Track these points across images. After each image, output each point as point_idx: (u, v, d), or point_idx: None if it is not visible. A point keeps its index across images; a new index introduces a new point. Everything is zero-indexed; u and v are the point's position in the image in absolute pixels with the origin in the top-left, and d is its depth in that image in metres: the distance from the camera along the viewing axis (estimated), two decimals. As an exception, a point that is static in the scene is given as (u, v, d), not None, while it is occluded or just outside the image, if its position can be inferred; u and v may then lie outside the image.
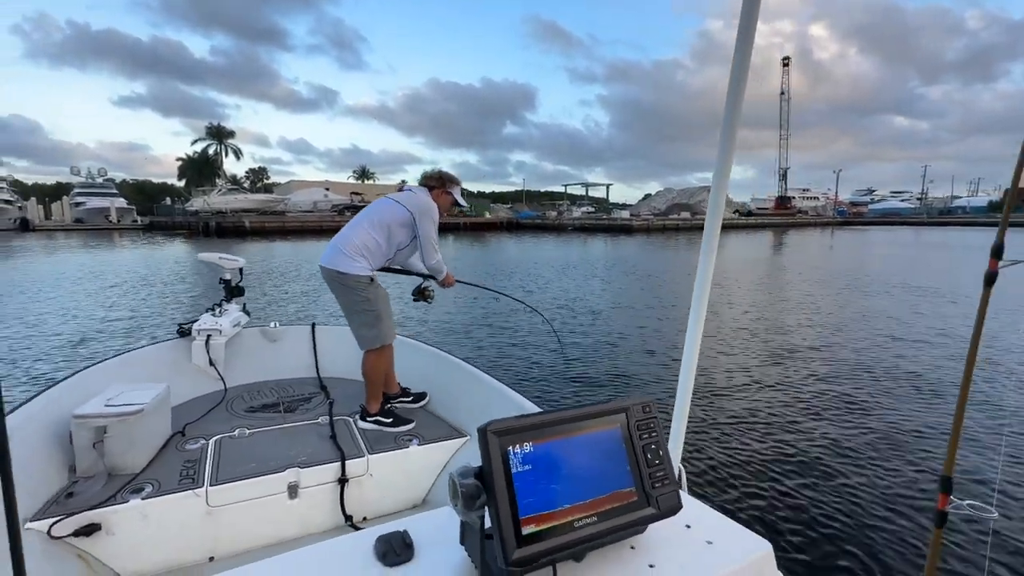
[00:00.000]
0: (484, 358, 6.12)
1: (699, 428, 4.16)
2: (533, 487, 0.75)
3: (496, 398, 2.34)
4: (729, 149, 1.11)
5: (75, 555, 1.70)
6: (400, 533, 0.88)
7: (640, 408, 0.88)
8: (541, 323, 7.98)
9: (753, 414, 4.44)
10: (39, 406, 2.05)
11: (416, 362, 2.98)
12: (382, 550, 0.85)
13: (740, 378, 5.40)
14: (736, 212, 71.09)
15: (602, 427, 0.84)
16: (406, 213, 2.56)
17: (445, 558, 0.84)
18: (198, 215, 42.73)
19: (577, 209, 64.68)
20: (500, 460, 0.74)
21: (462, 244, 29.90)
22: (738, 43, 1.06)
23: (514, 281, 13.19)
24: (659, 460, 0.86)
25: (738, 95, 1.08)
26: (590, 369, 5.74)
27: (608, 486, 0.81)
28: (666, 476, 0.85)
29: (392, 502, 2.24)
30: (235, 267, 3.34)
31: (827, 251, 25.20)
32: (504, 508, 0.72)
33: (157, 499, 1.85)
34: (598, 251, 24.63)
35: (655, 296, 11.04)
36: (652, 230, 46.94)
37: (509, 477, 0.74)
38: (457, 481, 0.75)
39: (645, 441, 0.86)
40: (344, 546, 0.87)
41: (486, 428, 0.75)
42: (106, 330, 7.58)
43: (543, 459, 0.77)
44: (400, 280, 3.04)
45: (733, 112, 1.09)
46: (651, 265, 17.98)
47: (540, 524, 0.74)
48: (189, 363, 2.95)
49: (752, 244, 30.51)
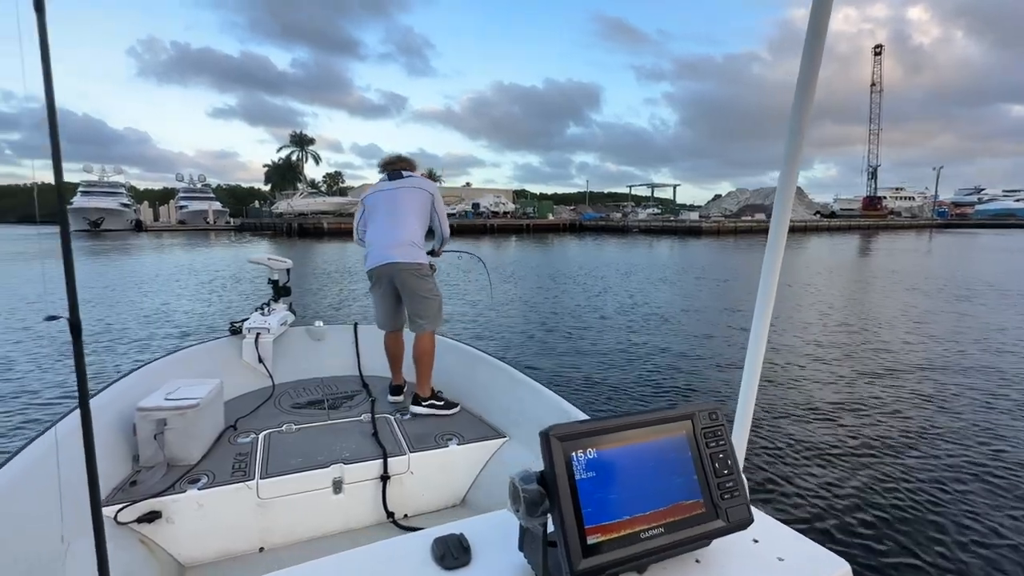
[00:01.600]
0: (525, 358, 6.14)
1: (762, 437, 3.93)
2: (597, 495, 0.73)
3: (535, 399, 2.32)
4: (798, 144, 1.05)
5: (138, 540, 1.79)
6: (457, 536, 0.87)
7: (707, 415, 0.85)
8: (585, 326, 7.87)
9: (823, 425, 4.10)
10: (107, 398, 2.17)
11: (454, 362, 3.00)
12: (440, 552, 0.84)
13: (809, 386, 5.02)
14: (817, 213, 66.25)
15: (667, 434, 0.81)
16: (428, 196, 2.81)
17: (504, 563, 0.83)
18: (282, 217, 45.96)
19: (642, 210, 63.02)
20: (564, 466, 0.72)
21: (525, 246, 30.03)
22: (809, 29, 1.00)
23: (576, 283, 13.08)
24: (728, 470, 0.82)
25: (809, 85, 1.02)
26: (640, 374, 5.57)
27: (674, 496, 0.78)
28: (735, 487, 0.82)
29: (432, 500, 2.26)
30: (283, 268, 3.47)
31: (923, 256, 22.89)
32: (569, 516, 0.70)
33: (212, 490, 1.93)
34: (664, 254, 23.87)
35: (723, 301, 10.51)
36: (723, 232, 44.79)
37: (573, 484, 0.72)
38: (519, 486, 0.73)
39: (713, 449, 0.83)
40: (401, 546, 0.87)
41: (548, 432, 0.73)
42: (189, 323, 8.34)
43: (607, 466, 0.75)
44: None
45: (803, 103, 1.02)
46: (721, 268, 17.15)
47: (606, 534, 0.72)
48: (240, 360, 3.08)
49: (835, 247, 28.33)
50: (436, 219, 2.86)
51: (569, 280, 13.80)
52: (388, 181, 2.87)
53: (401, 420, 2.58)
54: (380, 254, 2.72)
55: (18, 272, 15.70)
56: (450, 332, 7.49)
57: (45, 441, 1.78)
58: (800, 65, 1.02)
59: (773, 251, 1.10)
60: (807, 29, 1.00)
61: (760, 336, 1.13)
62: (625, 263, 18.75)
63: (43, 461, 1.68)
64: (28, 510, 1.52)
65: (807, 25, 1.00)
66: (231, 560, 1.92)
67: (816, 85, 1.02)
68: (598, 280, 13.73)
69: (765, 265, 1.11)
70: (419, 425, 2.54)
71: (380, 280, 2.77)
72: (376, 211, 2.82)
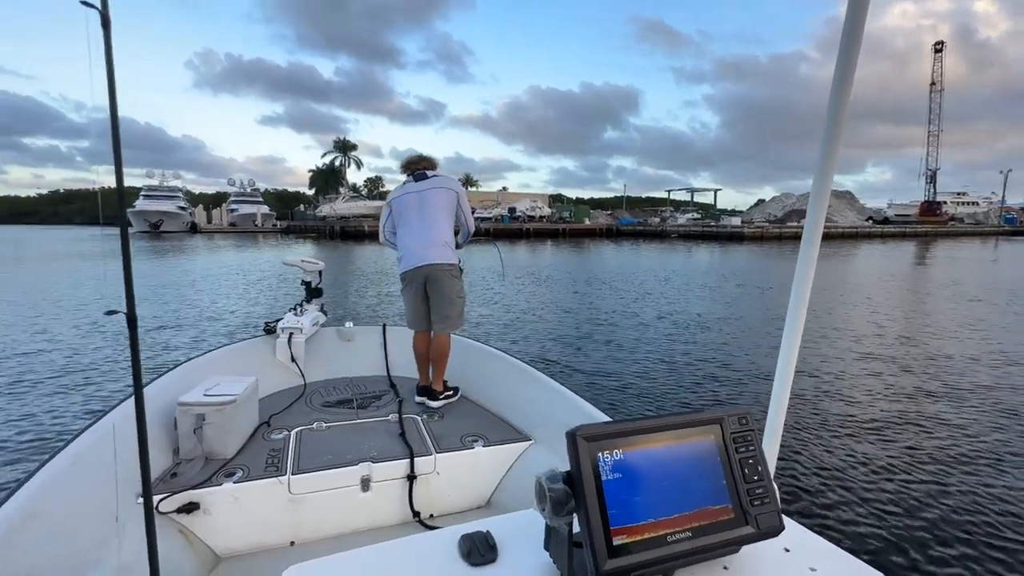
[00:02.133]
0: (557, 362, 6.09)
1: (793, 445, 3.76)
2: (623, 496, 0.73)
3: (561, 403, 2.30)
4: (834, 144, 1.01)
5: (177, 530, 1.84)
6: (483, 533, 0.88)
7: (737, 419, 0.83)
8: (620, 331, 7.74)
9: (857, 437, 3.90)
10: (151, 393, 2.20)
11: (480, 364, 3.00)
12: (466, 549, 0.84)
13: (857, 397, 4.76)
14: (869, 219, 63.13)
15: (695, 438, 0.80)
16: (454, 195, 2.88)
17: (530, 562, 0.83)
18: (325, 220, 47.53)
19: (682, 215, 61.69)
20: (590, 466, 0.72)
21: (560, 250, 29.90)
22: (846, 25, 0.95)
23: (612, 289, 12.91)
24: (758, 476, 0.81)
25: (845, 84, 0.97)
26: (675, 383, 5.41)
27: (702, 500, 0.77)
28: (766, 494, 0.80)
29: (458, 501, 2.27)
30: (315, 270, 3.55)
31: (988, 265, 21.42)
32: (595, 516, 0.70)
33: (247, 484, 1.98)
34: (703, 260, 23.27)
35: (766, 309, 10.13)
36: (767, 238, 43.29)
37: (599, 484, 0.72)
38: (545, 485, 0.73)
39: (742, 455, 0.81)
40: (428, 542, 0.88)
41: (575, 433, 0.73)
42: (233, 321, 8.69)
43: (634, 468, 0.75)
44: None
45: (839, 102, 0.98)
46: (764, 276, 16.56)
47: (631, 536, 0.72)
48: (274, 358, 3.16)
49: (888, 255, 26.90)
50: (462, 216, 2.94)
51: (605, 285, 13.64)
52: (414, 182, 2.90)
53: (428, 421, 2.60)
54: (417, 255, 2.77)
55: (84, 269, 16.81)
56: (482, 334, 7.53)
57: (101, 427, 1.88)
58: (836, 63, 0.97)
59: (806, 254, 1.07)
60: (843, 25, 0.96)
61: (792, 342, 1.10)
62: (663, 269, 18.37)
63: (98, 446, 1.77)
64: (81, 492, 1.60)
65: (843, 21, 0.96)
66: (263, 553, 1.96)
67: (852, 84, 0.98)
68: (635, 286, 13.51)
69: (798, 269, 1.08)
70: (445, 426, 2.56)
71: (414, 281, 2.82)
72: (407, 213, 2.85)
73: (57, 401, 4.75)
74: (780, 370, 1.12)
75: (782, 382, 1.12)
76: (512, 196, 66.66)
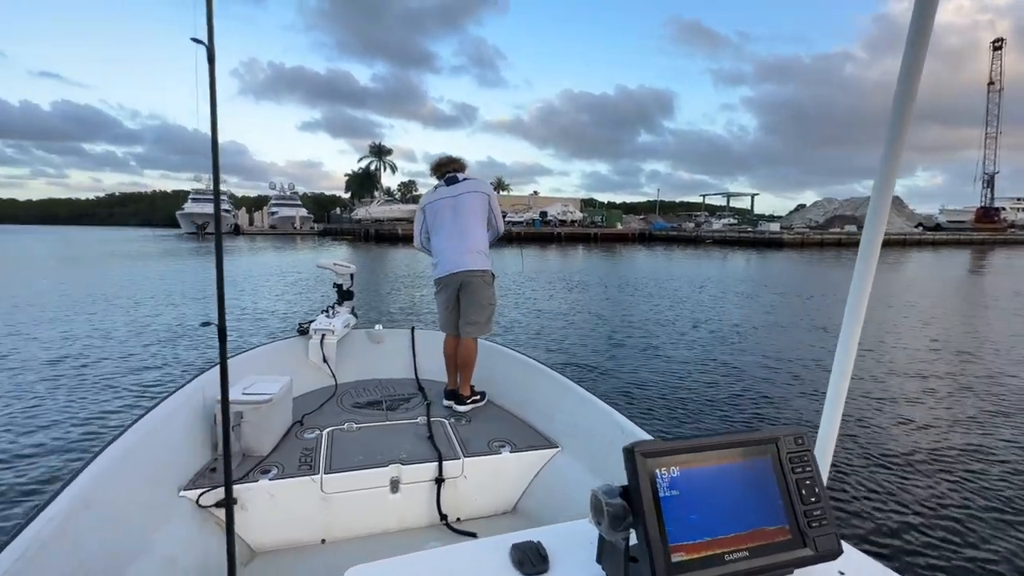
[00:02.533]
0: (586, 369, 6.02)
1: (845, 466, 3.59)
2: (681, 513, 0.73)
3: (589, 411, 2.27)
4: (897, 149, 0.97)
5: (215, 524, 1.88)
6: (534, 544, 0.88)
7: (792, 439, 0.82)
8: (652, 339, 7.60)
9: (913, 460, 3.68)
10: (191, 390, 2.28)
11: (508, 369, 2.98)
12: (518, 558, 0.85)
13: (899, 414, 4.51)
14: (919, 225, 60.06)
15: (751, 457, 0.80)
16: (486, 198, 2.90)
17: (581, 574, 0.83)
18: (360, 223, 48.70)
19: (717, 221, 60.32)
20: (648, 482, 0.73)
21: (591, 255, 29.67)
22: (913, 23, 0.92)
23: (644, 295, 12.72)
24: (815, 497, 0.80)
25: (911, 84, 0.94)
26: (709, 392, 5.26)
27: (758, 520, 0.77)
28: (824, 516, 0.79)
29: (484, 506, 2.26)
30: (347, 273, 3.60)
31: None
32: (654, 533, 0.71)
33: (281, 481, 2.01)
34: (740, 267, 22.65)
35: (808, 319, 9.76)
36: (807, 244, 41.83)
37: (657, 500, 0.72)
38: (603, 500, 0.74)
39: (799, 475, 0.80)
40: (480, 550, 0.89)
41: (633, 448, 0.74)
42: (271, 322, 8.96)
43: (691, 485, 0.75)
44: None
45: (904, 104, 0.94)
46: (805, 283, 15.96)
47: (690, 553, 0.72)
48: (307, 359, 3.21)
49: (940, 263, 25.54)
50: (493, 219, 2.98)
51: (637, 291, 13.45)
52: (446, 187, 2.91)
53: (455, 425, 2.61)
54: (452, 262, 2.81)
55: (145, 269, 17.73)
56: (511, 339, 7.54)
57: (148, 422, 1.95)
58: (901, 63, 0.94)
59: (864, 265, 1.03)
60: (910, 23, 0.92)
61: (847, 356, 1.06)
62: (698, 275, 17.98)
63: (145, 441, 1.85)
64: (130, 484, 1.68)
65: (910, 18, 0.92)
66: (296, 549, 2.00)
67: (919, 84, 0.94)
68: (669, 292, 13.27)
69: (855, 280, 1.04)
70: (472, 430, 2.56)
71: (448, 287, 2.85)
72: (441, 219, 2.87)
73: (121, 388, 5.01)
74: (832, 387, 1.08)
75: (835, 400, 1.08)
76: (543, 200, 66.64)
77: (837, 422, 1.10)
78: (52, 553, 1.26)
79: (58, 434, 4.00)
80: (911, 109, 0.94)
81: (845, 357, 1.06)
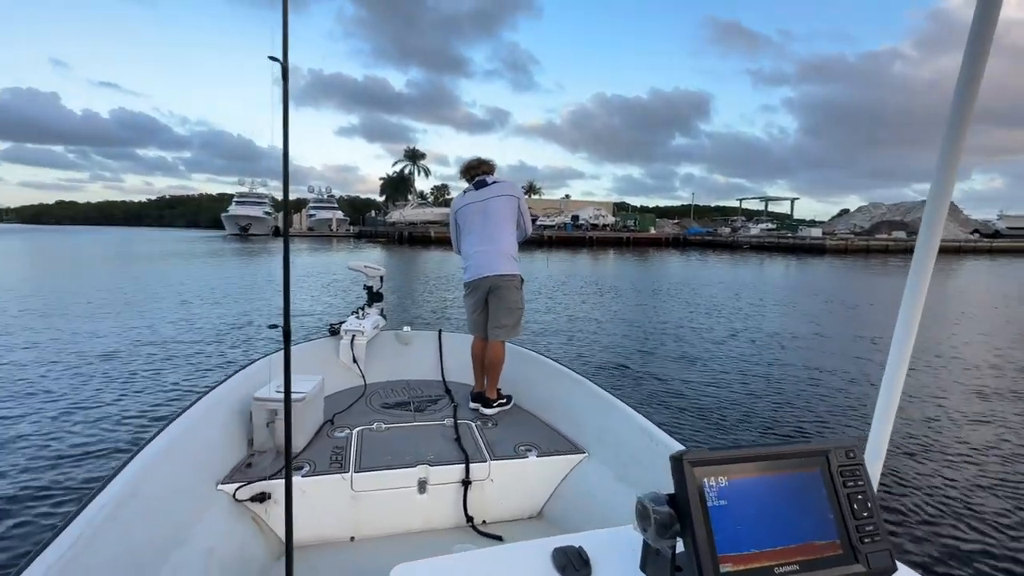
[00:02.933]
0: (616, 375, 5.91)
1: (895, 483, 3.43)
2: (729, 523, 0.72)
3: (617, 417, 2.24)
4: (956, 152, 0.91)
5: (250, 517, 1.94)
6: (576, 548, 0.89)
7: (843, 452, 0.81)
8: (685, 346, 7.42)
9: (969, 481, 3.46)
10: (229, 388, 2.35)
11: (534, 374, 2.97)
12: (561, 562, 0.85)
13: (955, 434, 4.25)
14: (975, 231, 56.80)
15: (801, 469, 0.78)
16: (515, 201, 2.92)
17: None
18: (395, 226, 49.61)
19: (755, 225, 58.57)
20: (696, 491, 0.72)
21: (623, 259, 29.31)
22: (976, 19, 0.86)
23: (678, 301, 12.47)
24: (868, 512, 0.78)
25: (973, 82, 0.87)
26: (747, 403, 5.09)
27: (808, 534, 0.75)
28: (877, 532, 0.77)
29: (510, 509, 2.25)
30: (377, 275, 3.66)
31: None
32: (703, 542, 0.70)
33: (313, 478, 2.05)
34: (778, 273, 21.94)
35: (852, 328, 9.36)
36: (851, 251, 40.14)
37: (705, 510, 0.72)
38: (650, 507, 0.74)
39: (851, 489, 0.79)
40: (521, 552, 0.90)
41: (682, 456, 0.73)
42: (307, 322, 9.19)
43: (739, 495, 0.74)
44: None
45: (964, 104, 0.88)
46: (848, 291, 15.31)
47: (738, 564, 0.71)
48: (337, 359, 3.27)
49: (999, 272, 24.06)
50: (522, 221, 3.00)
51: (670, 297, 13.20)
52: (475, 191, 2.93)
53: (482, 427, 2.62)
54: (482, 266, 2.84)
55: (196, 270, 18.56)
56: (542, 344, 7.51)
57: (191, 416, 2.03)
58: (962, 60, 0.87)
59: (919, 272, 0.97)
60: (973, 19, 0.87)
61: (899, 367, 1.01)
62: (734, 282, 17.50)
63: (187, 435, 1.92)
64: (172, 476, 1.74)
65: (973, 15, 0.87)
66: (326, 546, 2.03)
67: (980, 83, 0.88)
68: (704, 299, 12.96)
69: (908, 289, 0.98)
70: (498, 433, 2.57)
71: (477, 290, 2.88)
72: (471, 223, 2.90)
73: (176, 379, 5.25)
74: (883, 399, 1.05)
75: (885, 412, 1.04)
76: (575, 204, 66.30)
77: (887, 436, 1.06)
78: (103, 538, 1.33)
79: (107, 427, 4.21)
80: (971, 109, 0.89)
81: (897, 368, 1.01)
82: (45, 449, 3.69)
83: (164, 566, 1.49)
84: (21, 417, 4.28)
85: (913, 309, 0.99)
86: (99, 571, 1.27)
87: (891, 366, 1.02)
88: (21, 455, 3.58)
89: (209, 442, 2.05)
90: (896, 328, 1.01)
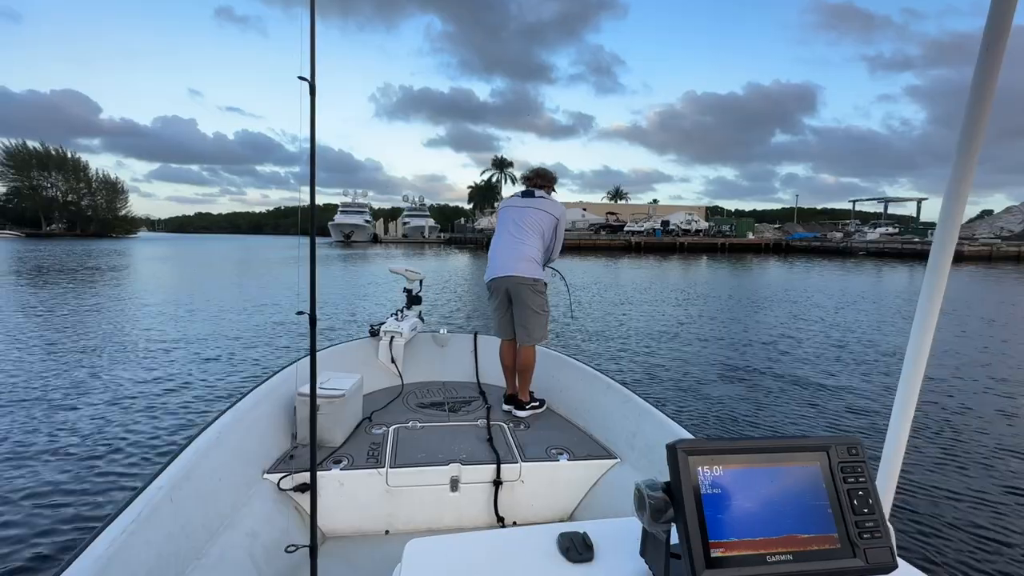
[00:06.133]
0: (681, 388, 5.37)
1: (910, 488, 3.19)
2: (722, 511, 0.74)
3: (652, 425, 2.21)
4: (971, 153, 0.95)
5: (292, 507, 2.02)
6: (581, 534, 0.92)
7: (845, 448, 0.82)
8: (775, 359, 6.66)
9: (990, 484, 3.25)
10: (275, 383, 2.48)
11: (568, 378, 2.97)
12: (565, 546, 0.89)
13: (990, 443, 3.32)
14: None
15: (799, 463, 0.80)
16: (553, 219, 2.92)
17: (626, 567, 0.86)
18: (483, 232, 51.16)
19: (872, 230, 52.51)
20: (690, 478, 0.75)
21: (716, 266, 27.55)
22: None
23: (774, 313, 11.37)
24: (868, 508, 0.79)
25: (988, 81, 0.91)
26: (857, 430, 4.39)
27: (805, 527, 0.76)
28: (877, 528, 0.78)
29: (540, 512, 2.27)
30: (417, 279, 3.75)
31: None
32: (694, 526, 0.72)
33: (351, 472, 2.13)
34: (901, 283, 19.37)
35: (995, 350, 7.91)
36: (996, 257, 34.58)
37: (698, 497, 0.74)
38: (645, 492, 0.76)
39: (851, 485, 0.80)
40: (529, 535, 0.94)
41: (675, 445, 0.76)
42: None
43: (734, 485, 0.76)
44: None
45: (979, 102, 0.92)
46: (987, 304, 13.06)
47: (729, 550, 0.73)
48: (376, 359, 3.39)
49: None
50: (553, 242, 2.98)
51: (767, 307, 12.09)
52: (521, 197, 2.99)
53: (514, 429, 2.65)
54: (500, 266, 2.85)
55: (280, 274, 20.35)
56: (603, 353, 7.14)
57: (240, 409, 2.14)
58: (976, 63, 0.91)
59: (934, 276, 1.02)
60: (988, 16, 0.90)
61: (916, 366, 1.03)
62: (848, 292, 15.68)
63: (235, 425, 2.02)
64: (221, 464, 1.83)
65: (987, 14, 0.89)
66: (362, 537, 2.10)
67: (996, 83, 0.91)
68: (808, 308, 11.72)
69: (923, 293, 1.04)
70: (530, 436, 2.59)
71: (497, 291, 2.90)
72: (504, 224, 2.94)
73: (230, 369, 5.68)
74: (899, 400, 1.06)
75: (901, 413, 1.06)
76: (664, 208, 63.96)
77: (904, 437, 1.07)
78: (160, 515, 1.44)
79: (171, 421, 4.59)
80: (987, 111, 0.90)
81: (913, 368, 1.04)
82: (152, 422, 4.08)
83: (213, 545, 1.60)
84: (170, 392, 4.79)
85: (929, 312, 1.02)
86: (156, 545, 1.39)
87: (907, 366, 1.03)
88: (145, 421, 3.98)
89: (256, 433, 2.18)
90: (912, 330, 1.04)
